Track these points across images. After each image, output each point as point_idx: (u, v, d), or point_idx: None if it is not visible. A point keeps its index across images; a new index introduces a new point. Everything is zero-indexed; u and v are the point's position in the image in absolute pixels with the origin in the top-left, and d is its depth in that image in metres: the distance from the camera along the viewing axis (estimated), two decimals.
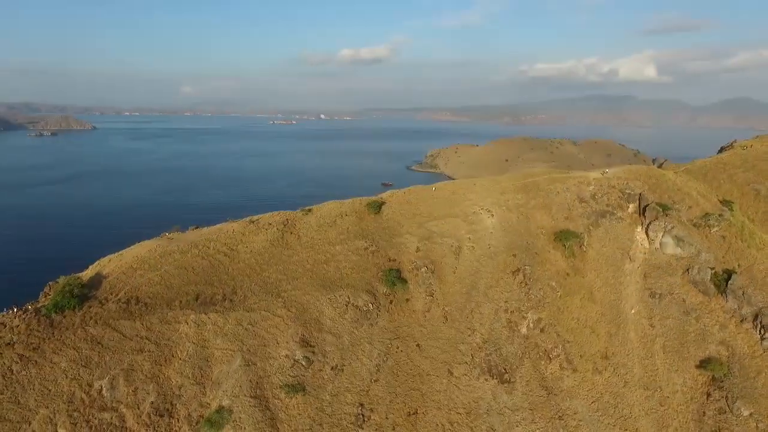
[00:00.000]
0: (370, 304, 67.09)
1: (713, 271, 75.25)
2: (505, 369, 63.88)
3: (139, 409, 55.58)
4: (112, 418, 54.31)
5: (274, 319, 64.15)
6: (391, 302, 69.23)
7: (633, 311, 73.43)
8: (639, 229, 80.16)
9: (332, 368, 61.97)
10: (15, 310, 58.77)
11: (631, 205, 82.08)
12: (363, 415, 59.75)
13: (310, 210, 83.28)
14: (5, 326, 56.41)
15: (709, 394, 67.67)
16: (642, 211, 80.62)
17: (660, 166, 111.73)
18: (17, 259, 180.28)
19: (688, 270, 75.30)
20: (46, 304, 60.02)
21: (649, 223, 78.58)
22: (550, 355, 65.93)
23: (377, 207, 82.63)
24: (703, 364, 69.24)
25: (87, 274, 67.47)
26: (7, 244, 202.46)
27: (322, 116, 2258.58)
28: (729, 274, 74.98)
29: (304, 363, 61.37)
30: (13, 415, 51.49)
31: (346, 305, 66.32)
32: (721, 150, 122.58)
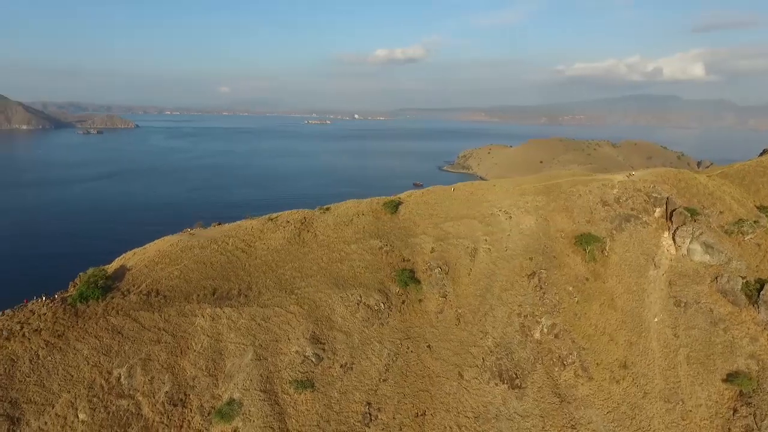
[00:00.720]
0: (381, 304, 67.20)
1: (744, 281, 71.47)
2: (516, 374, 62.69)
3: (154, 397, 57.55)
4: (128, 405, 56.46)
5: (286, 316, 65.19)
6: (403, 302, 69.13)
7: (656, 320, 70.63)
8: (665, 234, 77.01)
9: (341, 366, 62.42)
10: (44, 298, 61.95)
11: (657, 210, 78.93)
12: (370, 414, 59.93)
13: (328, 209, 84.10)
14: (34, 314, 59.56)
15: (735, 410, 64.38)
16: (669, 215, 77.38)
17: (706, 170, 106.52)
18: (59, 251, 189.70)
19: (716, 278, 71.82)
20: (72, 294, 62.98)
21: (676, 228, 75.36)
22: (565, 362, 64.23)
23: (394, 207, 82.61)
24: (731, 378, 65.92)
25: (112, 266, 70.37)
26: (51, 237, 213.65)
27: (356, 116, 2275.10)
28: (762, 283, 71.07)
29: (314, 360, 62.09)
30: (39, 398, 54.26)
31: (358, 304, 66.65)
32: (764, 152, 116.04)
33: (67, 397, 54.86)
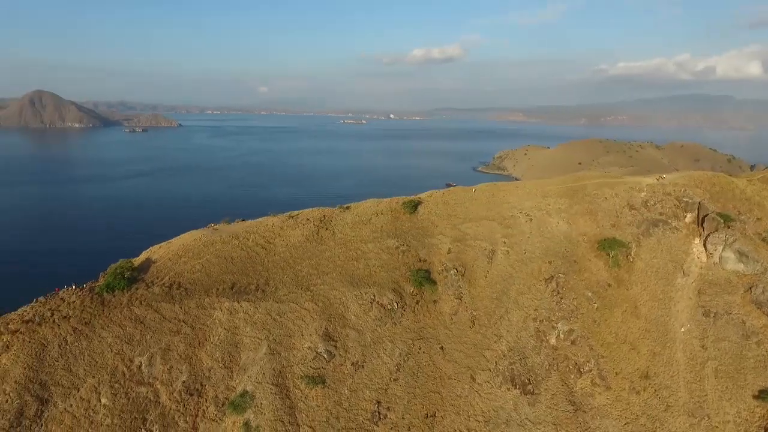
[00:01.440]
0: (395, 303, 67.22)
1: None
2: (528, 379, 61.32)
3: (172, 386, 59.71)
4: (147, 392, 58.80)
5: (300, 312, 66.21)
6: (417, 303, 68.88)
7: (683, 330, 67.51)
8: (696, 241, 73.43)
9: (353, 364, 62.86)
10: (74, 287, 65.34)
11: (688, 215, 75.34)
12: (380, 413, 60.08)
13: (348, 207, 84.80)
14: (64, 301, 62.93)
15: (767, 429, 60.72)
16: (701, 221, 73.76)
17: None
18: (101, 245, 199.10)
19: (750, 289, 67.89)
20: (100, 284, 66.12)
21: (708, 235, 71.72)
22: (581, 370, 62.31)
23: (413, 207, 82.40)
24: (763, 394, 62.23)
25: (139, 259, 73.34)
26: (96, 232, 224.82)
27: (392, 116, 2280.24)
28: None
29: (325, 356, 62.80)
30: (65, 381, 57.29)
31: (371, 303, 66.92)
32: None
33: (91, 381, 57.64)
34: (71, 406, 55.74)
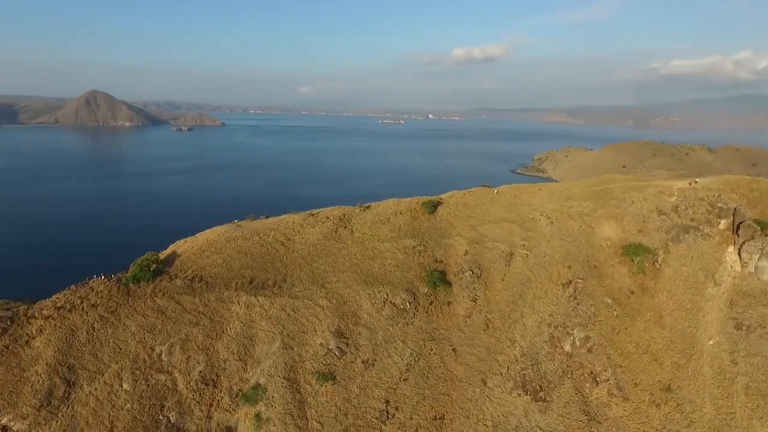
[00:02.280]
0: (407, 303, 67.11)
1: None
2: (540, 386, 59.77)
3: (189, 375, 61.98)
4: (166, 380, 61.29)
5: (314, 308, 67.20)
6: (431, 303, 68.53)
7: (711, 342, 64.03)
8: (730, 249, 69.42)
9: (363, 362, 63.27)
10: (103, 277, 68.89)
11: (722, 221, 71.32)
12: (388, 412, 60.22)
13: (368, 206, 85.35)
14: (93, 290, 66.47)
15: None
16: (736, 228, 69.65)
17: None
18: (139, 240, 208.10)
19: None
20: (127, 275, 69.45)
21: (743, 242, 67.62)
22: (597, 379, 60.18)
23: (432, 207, 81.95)
24: None
25: (165, 252, 76.55)
26: (139, 225, 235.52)
27: (431, 116, 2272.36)
28: None
29: (337, 353, 63.50)
30: (91, 366, 60.53)
31: (384, 302, 67.11)
32: None
33: (114, 367, 60.63)
34: (96, 389, 58.77)
